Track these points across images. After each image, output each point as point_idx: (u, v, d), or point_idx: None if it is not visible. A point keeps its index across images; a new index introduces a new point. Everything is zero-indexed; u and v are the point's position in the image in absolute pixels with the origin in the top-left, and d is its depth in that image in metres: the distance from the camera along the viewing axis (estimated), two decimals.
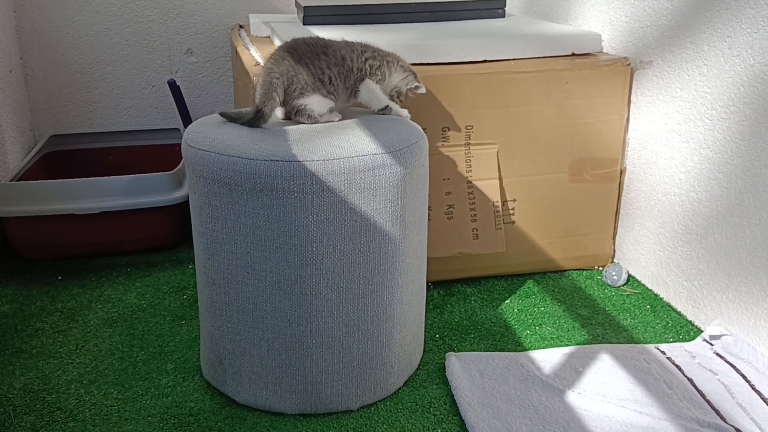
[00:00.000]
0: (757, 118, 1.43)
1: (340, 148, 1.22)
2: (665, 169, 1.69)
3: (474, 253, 1.74)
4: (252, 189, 1.20)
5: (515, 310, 1.68)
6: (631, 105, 1.79)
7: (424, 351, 1.52)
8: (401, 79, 1.44)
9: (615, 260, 1.91)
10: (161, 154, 2.34)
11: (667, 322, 1.64)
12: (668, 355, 1.48)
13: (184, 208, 1.92)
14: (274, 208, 1.20)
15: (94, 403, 1.35)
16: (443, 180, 1.70)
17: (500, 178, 1.74)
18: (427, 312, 1.66)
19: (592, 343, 1.55)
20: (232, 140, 1.24)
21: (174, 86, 2.25)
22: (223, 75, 2.49)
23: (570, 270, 1.88)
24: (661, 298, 1.74)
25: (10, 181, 1.96)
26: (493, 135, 1.71)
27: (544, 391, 1.36)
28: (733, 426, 1.26)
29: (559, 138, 1.75)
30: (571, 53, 1.79)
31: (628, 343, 1.55)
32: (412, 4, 2.05)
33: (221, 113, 1.37)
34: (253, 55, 1.83)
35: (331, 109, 1.38)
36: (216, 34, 2.45)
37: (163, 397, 1.37)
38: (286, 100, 1.34)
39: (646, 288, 1.79)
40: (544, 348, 1.53)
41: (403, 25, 1.99)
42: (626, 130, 1.80)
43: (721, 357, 1.47)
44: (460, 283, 1.80)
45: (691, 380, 1.40)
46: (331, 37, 1.43)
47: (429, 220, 1.65)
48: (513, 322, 1.63)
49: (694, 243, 1.62)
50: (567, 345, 1.54)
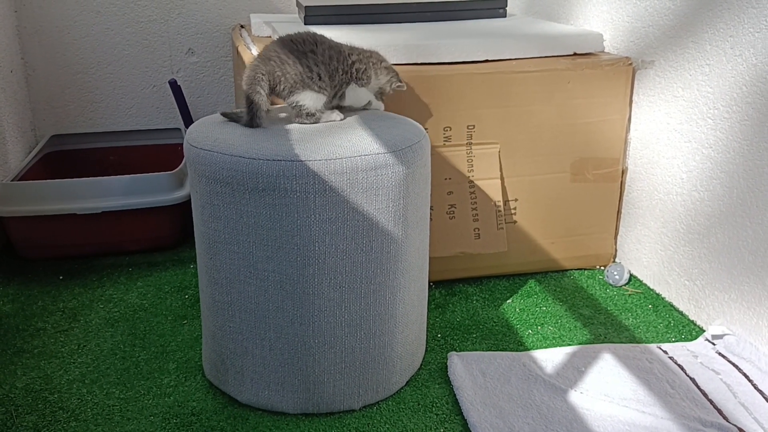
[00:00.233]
0: (759, 118, 1.43)
1: (343, 148, 1.21)
2: (667, 169, 1.69)
3: (476, 252, 1.74)
4: (254, 188, 1.19)
5: (517, 310, 1.68)
6: (633, 105, 1.79)
7: (426, 351, 1.52)
8: (386, 81, 1.47)
9: (617, 260, 1.91)
10: (162, 154, 2.34)
11: (669, 322, 1.64)
12: (670, 355, 1.48)
13: (185, 207, 1.92)
14: (277, 208, 1.20)
15: (96, 403, 1.35)
16: (445, 179, 1.70)
17: (502, 178, 1.74)
18: (428, 312, 1.66)
19: (594, 343, 1.55)
20: (234, 140, 1.24)
21: (175, 86, 2.25)
22: (224, 75, 2.49)
23: (572, 270, 1.88)
24: (663, 298, 1.74)
25: (12, 181, 1.95)
26: (495, 135, 1.71)
27: (547, 391, 1.36)
28: (735, 425, 1.26)
29: (561, 138, 1.75)
30: (572, 53, 1.79)
31: (630, 343, 1.54)
32: (414, 3, 2.05)
33: (222, 113, 1.37)
34: (255, 55, 1.83)
35: (326, 104, 1.38)
36: (217, 34, 2.45)
37: (165, 397, 1.37)
38: (281, 98, 1.35)
39: (648, 288, 1.78)
40: (546, 348, 1.53)
41: (404, 24, 1.99)
42: (628, 130, 1.80)
43: (724, 357, 1.47)
44: (462, 283, 1.80)
45: (693, 380, 1.40)
46: (332, 37, 1.43)
47: (431, 220, 1.65)
48: (515, 322, 1.63)
49: (696, 242, 1.62)
50: (569, 345, 1.54)
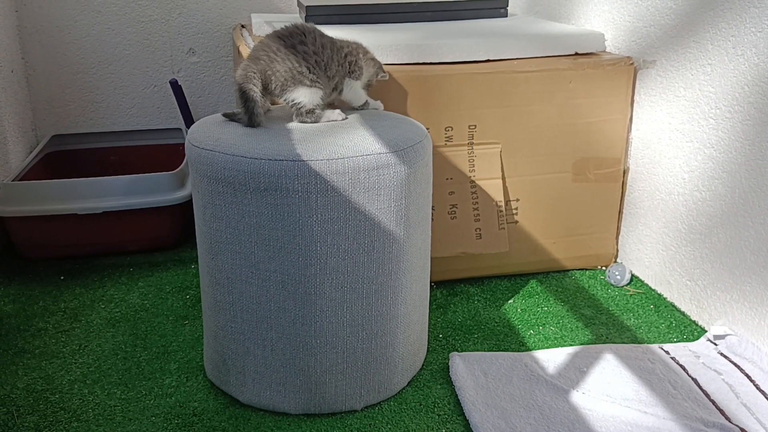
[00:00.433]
0: (761, 118, 1.43)
1: (344, 148, 1.21)
2: (669, 169, 1.69)
3: (477, 252, 1.74)
4: (256, 188, 1.19)
5: (518, 310, 1.68)
6: (635, 104, 1.78)
7: (428, 351, 1.51)
8: (373, 73, 1.47)
9: (618, 260, 1.91)
10: (163, 154, 2.34)
11: (671, 322, 1.63)
12: (672, 355, 1.48)
13: (186, 207, 1.92)
14: (278, 208, 1.20)
15: (98, 403, 1.35)
16: (446, 179, 1.70)
17: (503, 178, 1.74)
18: (430, 312, 1.65)
19: (595, 343, 1.54)
20: (235, 139, 1.24)
21: (176, 86, 2.25)
22: (225, 75, 2.49)
23: (573, 270, 1.88)
24: (665, 298, 1.73)
25: (12, 181, 1.95)
26: (496, 134, 1.71)
27: (549, 391, 1.36)
28: (737, 426, 1.26)
29: (562, 137, 1.75)
30: (574, 53, 1.78)
31: (632, 343, 1.54)
32: (415, 3, 2.04)
33: (224, 114, 1.37)
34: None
35: (324, 98, 1.38)
36: (218, 34, 2.45)
37: (167, 397, 1.36)
38: (275, 97, 1.35)
39: (650, 288, 1.78)
40: (547, 348, 1.53)
41: (405, 24, 1.99)
42: (629, 130, 1.80)
43: (726, 357, 1.47)
44: (464, 283, 1.80)
45: (695, 380, 1.40)
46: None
47: (432, 220, 1.65)
48: (516, 322, 1.63)
49: (698, 243, 1.62)
50: (571, 345, 1.54)
